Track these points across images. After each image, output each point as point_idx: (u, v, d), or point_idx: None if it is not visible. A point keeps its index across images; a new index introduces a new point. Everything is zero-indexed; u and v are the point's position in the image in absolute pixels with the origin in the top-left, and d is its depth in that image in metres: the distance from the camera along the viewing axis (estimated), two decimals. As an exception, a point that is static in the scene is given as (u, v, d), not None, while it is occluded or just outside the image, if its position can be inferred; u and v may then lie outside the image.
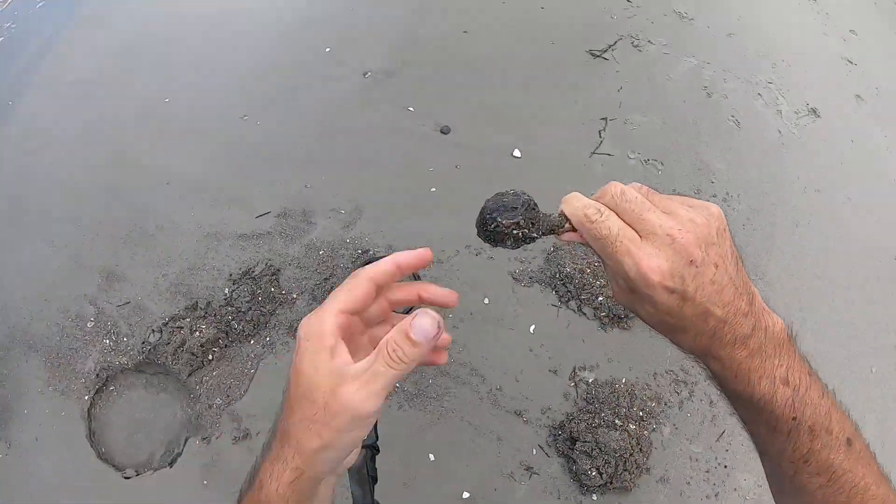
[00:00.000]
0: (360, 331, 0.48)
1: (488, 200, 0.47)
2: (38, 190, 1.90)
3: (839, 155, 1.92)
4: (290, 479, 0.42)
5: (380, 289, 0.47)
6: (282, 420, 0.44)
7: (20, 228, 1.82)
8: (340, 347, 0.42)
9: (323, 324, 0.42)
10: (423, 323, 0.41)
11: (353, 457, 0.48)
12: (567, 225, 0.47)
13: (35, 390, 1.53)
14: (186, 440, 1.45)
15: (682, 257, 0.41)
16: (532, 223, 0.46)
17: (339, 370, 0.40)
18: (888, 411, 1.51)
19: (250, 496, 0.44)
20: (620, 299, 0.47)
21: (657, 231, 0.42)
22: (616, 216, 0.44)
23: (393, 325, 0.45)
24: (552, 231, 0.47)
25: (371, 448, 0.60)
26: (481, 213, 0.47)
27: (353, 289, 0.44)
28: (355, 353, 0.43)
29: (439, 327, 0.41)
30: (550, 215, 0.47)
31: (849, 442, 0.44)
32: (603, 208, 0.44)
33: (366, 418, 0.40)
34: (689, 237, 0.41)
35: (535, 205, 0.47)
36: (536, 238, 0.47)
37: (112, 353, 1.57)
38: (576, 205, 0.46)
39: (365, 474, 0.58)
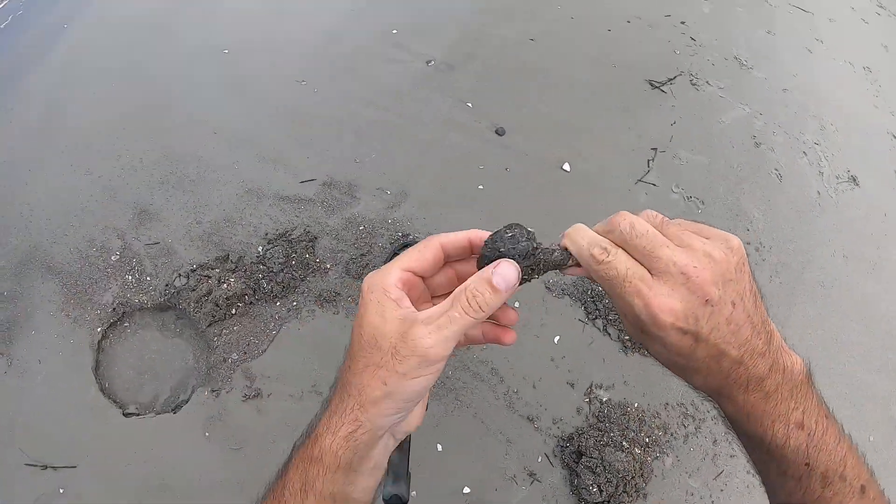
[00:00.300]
0: (425, 298, 0.47)
1: (486, 245, 0.43)
2: (78, 119, 1.87)
3: (871, 226, 1.96)
4: (346, 432, 0.40)
5: (448, 258, 0.46)
6: (343, 374, 0.43)
7: (56, 152, 1.79)
8: (405, 299, 0.41)
9: (387, 277, 0.42)
10: (507, 271, 0.40)
11: (414, 420, 0.47)
12: (571, 261, 0.44)
13: (47, 313, 1.51)
14: (194, 389, 1.44)
15: (697, 297, 0.38)
16: (532, 268, 0.43)
17: (408, 316, 0.40)
18: (881, 481, 1.54)
19: (303, 450, 0.43)
20: (631, 335, 0.45)
21: (670, 269, 0.39)
22: (624, 253, 0.41)
23: None
24: (556, 268, 0.44)
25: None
26: (479, 260, 0.44)
27: (423, 250, 0.44)
28: None
29: (518, 278, 0.41)
30: (553, 251, 0.44)
31: (862, 489, 0.43)
32: (610, 246, 0.41)
33: (434, 363, 0.40)
34: (704, 275, 0.38)
35: (535, 247, 0.43)
36: (538, 278, 0.44)
37: (133, 290, 1.56)
38: (581, 243, 0.42)
39: (407, 446, 0.55)
